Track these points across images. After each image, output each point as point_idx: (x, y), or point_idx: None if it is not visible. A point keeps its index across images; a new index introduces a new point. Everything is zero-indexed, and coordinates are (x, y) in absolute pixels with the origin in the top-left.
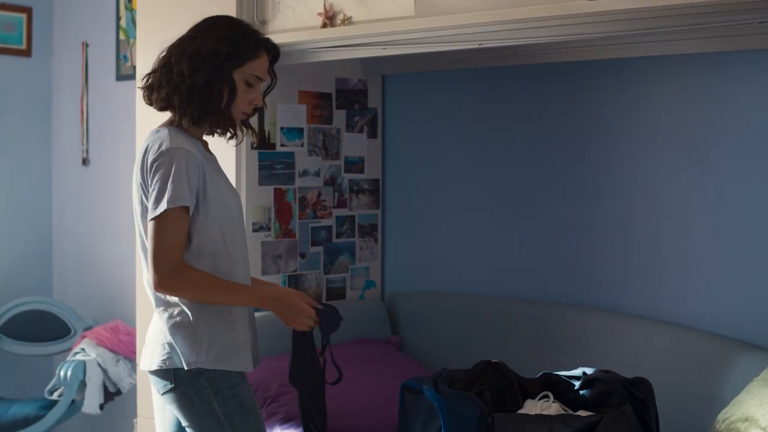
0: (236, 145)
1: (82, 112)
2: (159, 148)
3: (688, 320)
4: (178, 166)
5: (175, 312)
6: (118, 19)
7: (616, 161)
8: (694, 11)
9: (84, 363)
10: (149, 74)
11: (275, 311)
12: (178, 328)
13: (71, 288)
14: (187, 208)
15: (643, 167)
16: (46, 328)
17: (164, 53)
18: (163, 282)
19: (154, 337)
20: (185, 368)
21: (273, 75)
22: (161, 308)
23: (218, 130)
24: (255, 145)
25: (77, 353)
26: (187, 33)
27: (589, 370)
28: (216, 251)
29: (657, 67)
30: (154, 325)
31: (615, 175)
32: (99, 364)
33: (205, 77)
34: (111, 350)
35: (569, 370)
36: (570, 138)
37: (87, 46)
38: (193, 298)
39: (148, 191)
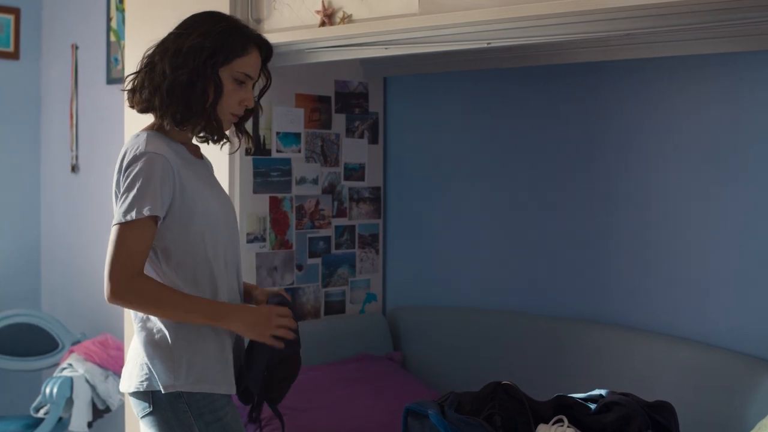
0: (232, 153)
1: (72, 116)
2: (134, 152)
3: (709, 337)
4: (150, 172)
5: (153, 330)
6: (109, 20)
7: (632, 168)
8: (719, 7)
9: (71, 379)
10: (133, 76)
11: (240, 327)
12: (155, 347)
13: (60, 299)
14: (155, 218)
15: (661, 175)
16: (33, 342)
17: (149, 52)
18: (117, 292)
19: (133, 357)
20: (162, 391)
21: (267, 75)
22: (139, 325)
23: (208, 135)
24: (251, 151)
25: (64, 369)
26: (172, 30)
27: (606, 392)
28: (196, 263)
29: (676, 68)
30: (133, 344)
31: (631, 183)
32: (87, 380)
33: (187, 75)
34: (100, 365)
35: (584, 391)
36: (583, 144)
37: (76, 48)
38: (148, 312)
39: (119, 193)
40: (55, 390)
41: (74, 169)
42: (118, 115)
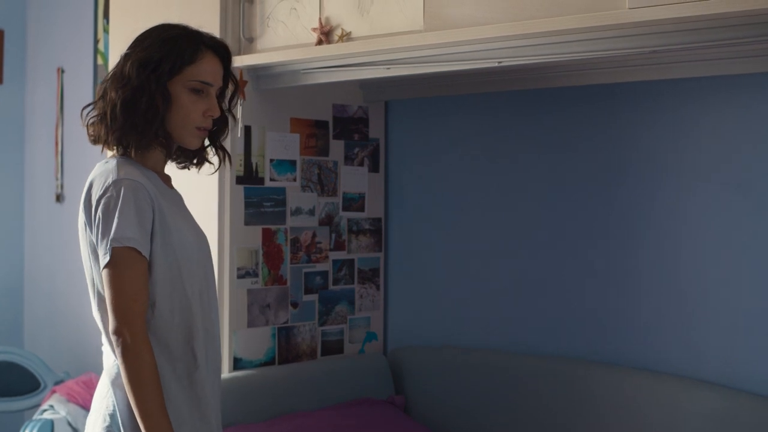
0: (212, 173)
1: (57, 143)
2: (105, 181)
3: (739, 382)
4: (125, 201)
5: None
6: (96, 42)
7: (653, 201)
8: (761, 20)
9: (52, 422)
10: (90, 108)
11: None
12: (125, 395)
13: (43, 336)
14: (137, 250)
15: (685, 207)
16: (14, 381)
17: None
18: (123, 343)
19: (98, 404)
20: None
21: (233, 79)
22: (114, 361)
23: (182, 159)
24: (239, 176)
25: (45, 410)
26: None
27: None
28: (172, 300)
29: (704, 90)
30: (99, 389)
31: (652, 216)
32: (69, 423)
33: (131, 92)
34: (83, 407)
35: None
36: (602, 173)
37: (62, 71)
38: (125, 376)
39: (94, 231)
40: None
41: (59, 198)
42: None
